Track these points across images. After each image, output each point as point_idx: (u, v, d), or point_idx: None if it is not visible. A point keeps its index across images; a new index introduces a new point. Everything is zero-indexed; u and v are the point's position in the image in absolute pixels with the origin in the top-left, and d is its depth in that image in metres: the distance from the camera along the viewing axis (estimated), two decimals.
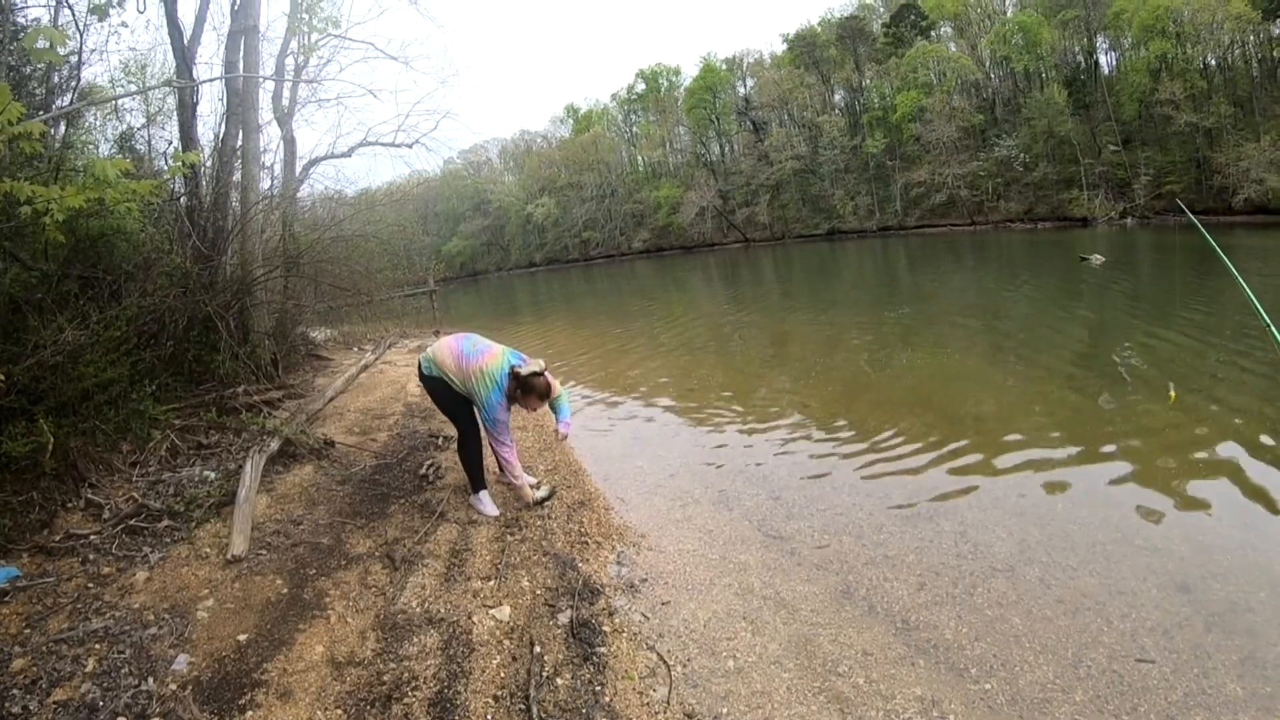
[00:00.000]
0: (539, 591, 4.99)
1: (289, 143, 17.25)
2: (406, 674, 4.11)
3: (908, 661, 4.09)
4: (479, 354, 6.16)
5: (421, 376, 6.38)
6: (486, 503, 6.44)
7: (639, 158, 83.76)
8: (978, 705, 3.68)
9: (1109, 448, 6.96)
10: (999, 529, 5.59)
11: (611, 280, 49.93)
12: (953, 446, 7.46)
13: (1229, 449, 6.66)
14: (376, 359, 15.67)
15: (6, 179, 5.92)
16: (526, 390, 6.01)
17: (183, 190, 11.03)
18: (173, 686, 4.12)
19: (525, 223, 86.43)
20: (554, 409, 6.58)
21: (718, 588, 5.08)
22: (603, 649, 4.31)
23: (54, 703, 3.97)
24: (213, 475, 7.27)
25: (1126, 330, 12.21)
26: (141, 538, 6.02)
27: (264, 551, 5.74)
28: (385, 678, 4.10)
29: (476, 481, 6.50)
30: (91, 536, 5.95)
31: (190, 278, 9.51)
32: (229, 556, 5.54)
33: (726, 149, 77.17)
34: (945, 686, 3.85)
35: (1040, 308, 15.93)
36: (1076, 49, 52.52)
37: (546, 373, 6.07)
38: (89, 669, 4.29)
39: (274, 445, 7.69)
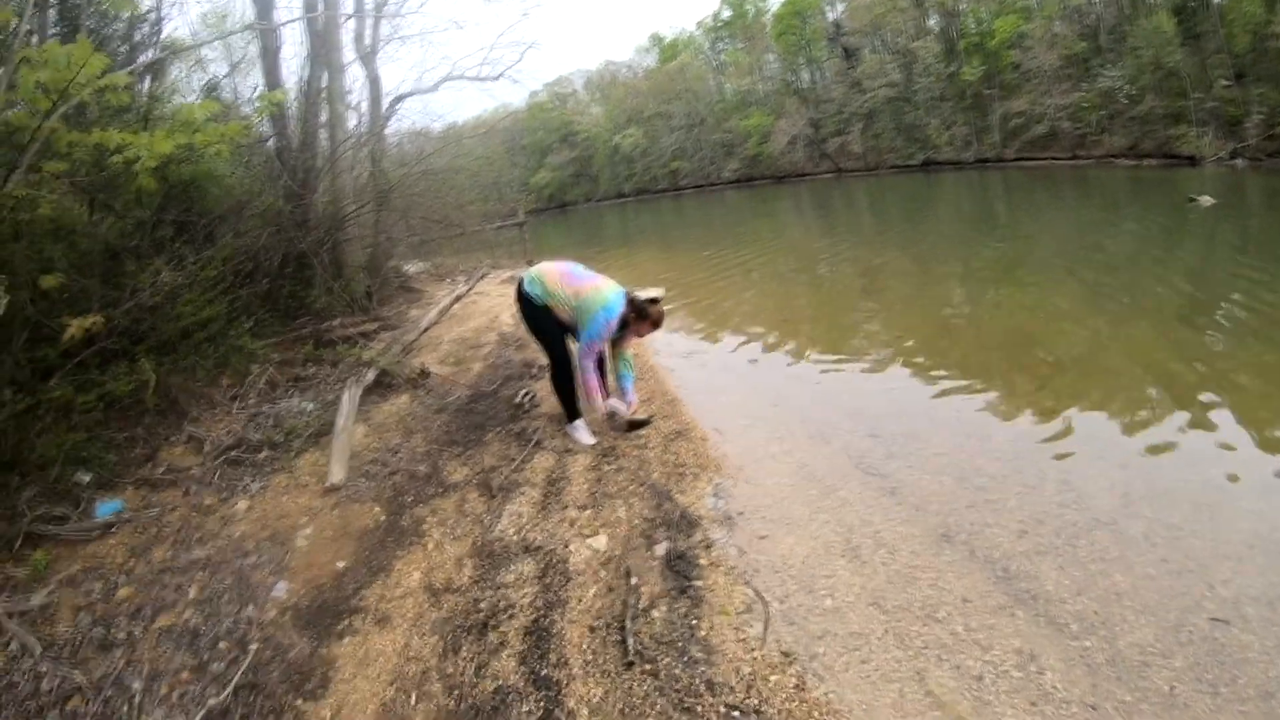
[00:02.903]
0: (635, 522, 4.90)
1: (374, 81, 17.14)
2: (503, 602, 4.07)
3: (1007, 611, 3.89)
4: (590, 276, 6.11)
5: (520, 297, 6.25)
6: (583, 432, 6.35)
7: (727, 86, 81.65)
8: (1076, 663, 3.48)
9: (1214, 400, 6.48)
10: (1102, 480, 5.27)
11: (702, 210, 49.29)
12: (1053, 390, 7.13)
13: None
14: (469, 290, 15.69)
15: (96, 130, 5.97)
16: (642, 316, 5.95)
17: (271, 133, 11.10)
18: (272, 613, 4.16)
19: (613, 153, 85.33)
20: (620, 378, 6.50)
21: (815, 524, 4.91)
22: (699, 582, 4.20)
23: (158, 629, 4.04)
24: (310, 406, 7.34)
25: (1235, 277, 11.38)
26: (242, 468, 6.12)
27: (362, 480, 5.77)
28: (482, 605, 4.06)
29: (571, 410, 6.42)
30: (193, 469, 6.06)
31: (283, 217, 9.59)
32: (327, 485, 5.59)
33: (817, 76, 74.94)
34: (1044, 641, 3.64)
35: (1144, 249, 14.85)
36: None
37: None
38: (191, 597, 4.36)
39: (370, 376, 7.75)
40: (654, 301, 5.97)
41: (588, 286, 5.97)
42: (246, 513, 5.39)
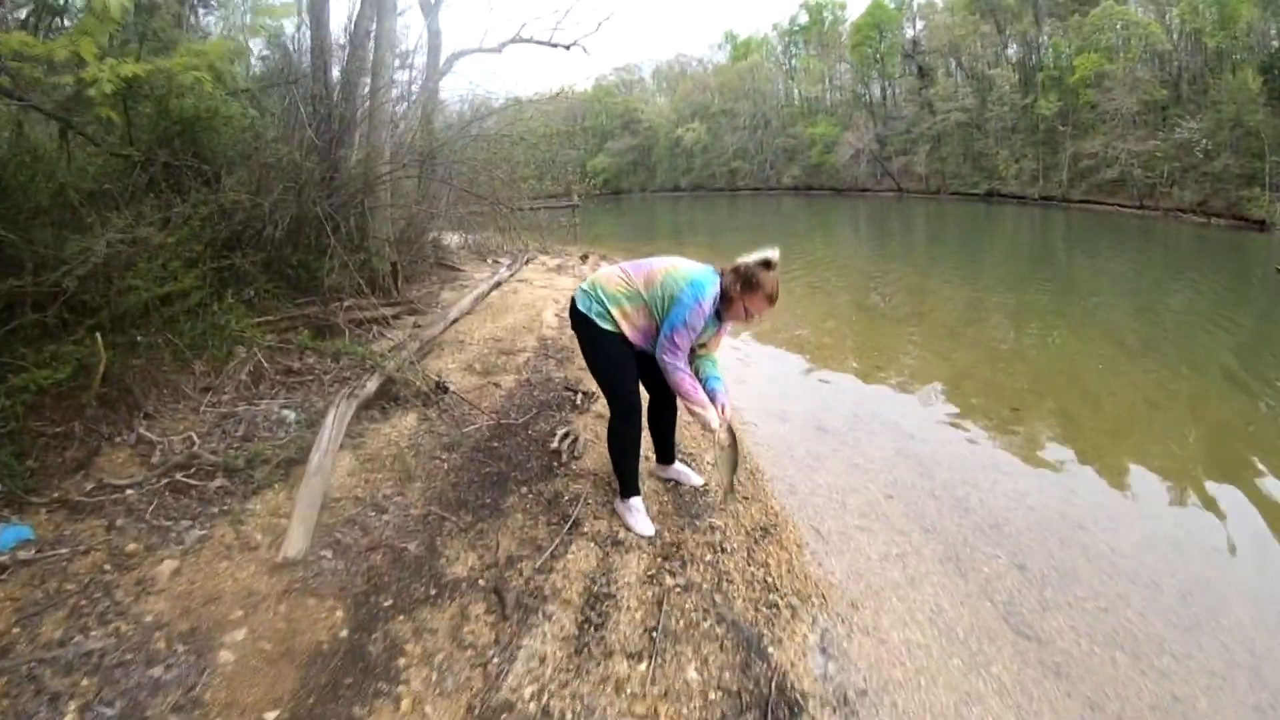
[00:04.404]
0: (712, 695, 3.23)
1: (434, 34, 15.81)
2: None
3: None
4: (660, 259, 4.40)
5: (576, 320, 4.47)
6: (639, 515, 4.63)
7: (795, 91, 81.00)
8: None
9: None
10: None
11: (757, 214, 47.96)
12: (1213, 506, 5.75)
13: None
14: (511, 275, 14.26)
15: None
16: (750, 286, 4.15)
17: (306, 73, 9.72)
18: None
19: (673, 146, 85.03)
20: (706, 380, 4.53)
21: None
22: None
23: None
24: (292, 417, 5.86)
25: None
26: (186, 500, 4.68)
27: (328, 553, 4.17)
28: None
29: (629, 483, 4.67)
30: (129, 491, 4.66)
31: (302, 171, 8.07)
32: (281, 557, 4.02)
33: (888, 92, 73.87)
34: None
35: (1256, 327, 13.22)
36: (1273, 31, 47.74)
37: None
38: None
39: (371, 387, 6.22)
40: (767, 265, 4.17)
41: (659, 269, 4.30)
42: (171, 580, 3.89)
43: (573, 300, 4.49)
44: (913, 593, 4.30)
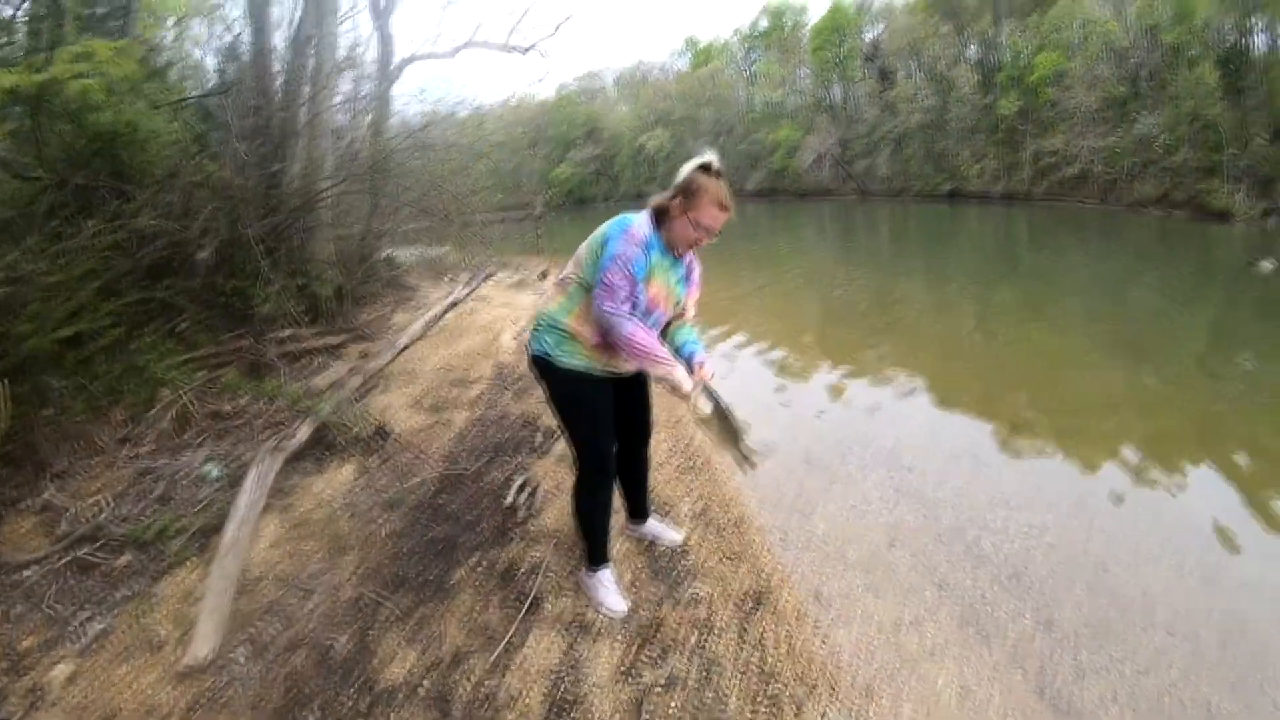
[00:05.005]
0: None
1: (385, 40, 15.09)
2: None
3: None
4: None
5: (539, 370, 3.70)
6: (609, 591, 3.93)
7: (757, 97, 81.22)
8: None
9: None
10: None
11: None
12: (1234, 535, 5.20)
13: None
14: (469, 294, 13.55)
15: None
16: (691, 195, 3.40)
17: (240, 80, 9.12)
18: None
19: (637, 153, 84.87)
20: (681, 348, 3.78)
21: None
22: None
23: None
24: (215, 472, 5.20)
25: None
26: (90, 580, 4.07)
27: (242, 654, 3.50)
28: None
29: (598, 552, 3.97)
30: (28, 571, 4.07)
31: (234, 189, 7.41)
32: (186, 661, 3.36)
33: (850, 95, 74.05)
34: None
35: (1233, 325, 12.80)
36: (1229, 26, 48.07)
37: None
38: None
39: (302, 435, 5.55)
40: (706, 169, 3.44)
41: (583, 244, 3.55)
42: (65, 689, 3.29)
43: (528, 348, 3.78)
44: (934, 669, 3.66)
